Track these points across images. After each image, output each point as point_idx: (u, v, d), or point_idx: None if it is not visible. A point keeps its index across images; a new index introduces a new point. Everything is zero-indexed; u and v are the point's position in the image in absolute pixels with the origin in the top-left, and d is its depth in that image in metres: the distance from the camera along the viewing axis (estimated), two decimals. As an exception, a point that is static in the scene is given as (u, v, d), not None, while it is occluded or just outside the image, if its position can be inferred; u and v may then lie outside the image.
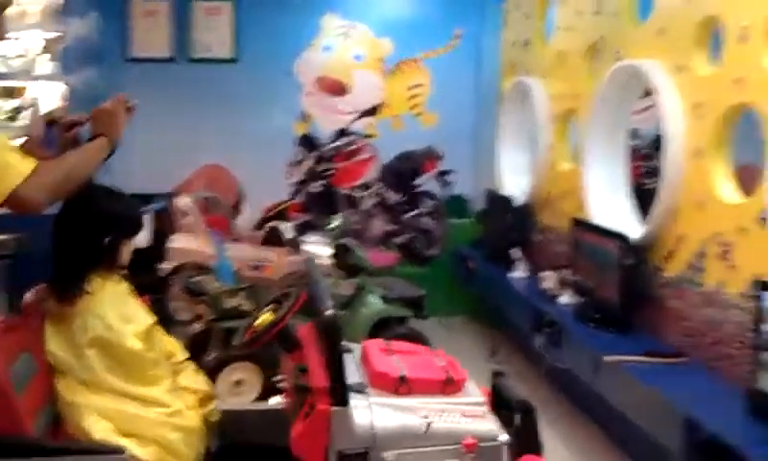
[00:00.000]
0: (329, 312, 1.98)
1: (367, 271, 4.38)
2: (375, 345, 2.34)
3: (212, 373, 3.45)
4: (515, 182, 5.89)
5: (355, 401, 1.99)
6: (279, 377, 3.76)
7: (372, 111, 6.59)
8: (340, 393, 1.95)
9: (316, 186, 6.51)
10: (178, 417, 2.15)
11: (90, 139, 2.11)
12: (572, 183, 4.79)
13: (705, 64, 3.43)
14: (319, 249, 5.01)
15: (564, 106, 4.96)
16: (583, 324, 3.91)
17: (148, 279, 3.69)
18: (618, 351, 3.41)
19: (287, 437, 2.35)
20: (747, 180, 3.27)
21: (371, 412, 1.99)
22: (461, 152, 6.57)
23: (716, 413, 2.76)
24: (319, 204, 6.50)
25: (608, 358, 3.34)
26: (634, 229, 4.03)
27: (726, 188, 3.25)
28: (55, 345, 2.11)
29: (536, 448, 2.18)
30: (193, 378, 2.38)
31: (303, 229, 5.40)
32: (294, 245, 5.08)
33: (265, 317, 2.33)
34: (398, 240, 6.53)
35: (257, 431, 2.42)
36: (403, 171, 6.55)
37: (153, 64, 6.36)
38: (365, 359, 2.24)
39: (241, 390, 3.81)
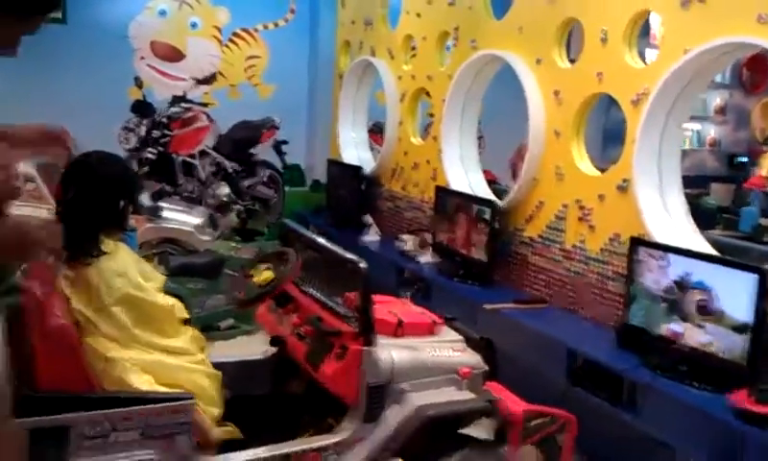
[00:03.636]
0: (364, 265, 2.27)
1: (264, 236, 4.57)
2: (356, 299, 2.65)
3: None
4: (354, 154, 6.34)
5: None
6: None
7: (208, 80, 6.63)
8: (370, 335, 2.25)
9: (150, 153, 6.42)
10: (204, 365, 2.31)
11: None
12: (422, 156, 5.33)
13: (563, 59, 4.09)
14: (186, 217, 5.07)
15: (414, 86, 5.45)
16: (448, 279, 4.46)
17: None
18: (489, 300, 3.99)
19: (273, 384, 2.62)
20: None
21: (389, 351, 2.32)
22: (296, 123, 6.85)
23: (591, 345, 3.43)
24: (154, 171, 6.43)
25: (487, 306, 3.90)
26: (488, 194, 4.69)
27: (583, 162, 3.94)
28: (79, 304, 2.15)
29: (496, 375, 2.65)
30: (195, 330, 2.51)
31: (158, 196, 5.38)
32: (153, 213, 5.07)
33: (266, 275, 2.52)
34: (236, 208, 6.67)
35: (248, 380, 2.61)
36: (241, 140, 6.68)
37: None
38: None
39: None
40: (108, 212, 2.28)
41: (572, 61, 4.08)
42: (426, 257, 4.84)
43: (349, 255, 2.35)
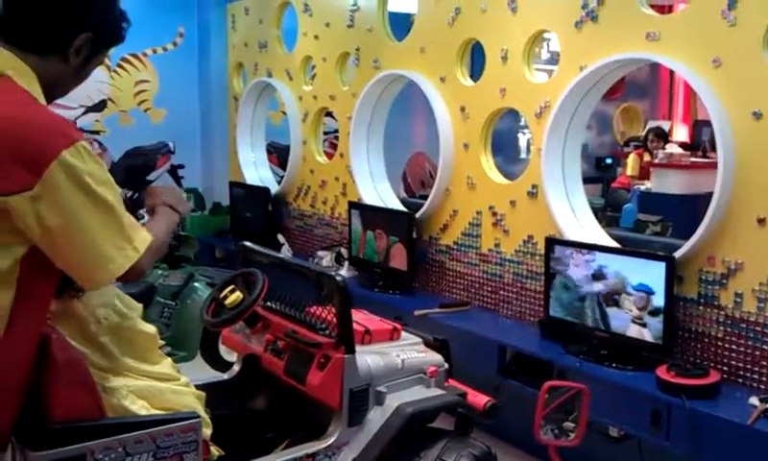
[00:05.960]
0: (341, 278, 2.41)
1: (191, 262, 4.56)
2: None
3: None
4: (255, 175, 6.42)
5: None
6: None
7: (98, 107, 6.49)
8: (350, 344, 2.40)
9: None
10: (190, 387, 2.36)
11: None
12: (330, 174, 5.50)
13: (465, 77, 4.39)
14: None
15: (316, 106, 5.62)
16: (369, 290, 4.65)
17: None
18: (413, 307, 4.20)
19: (239, 403, 2.73)
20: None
21: (363, 357, 2.47)
22: (190, 147, 6.83)
23: (517, 339, 3.73)
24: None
25: (417, 312, 4.12)
26: (398, 206, 4.94)
27: (492, 172, 4.25)
28: (69, 337, 2.15)
29: (452, 373, 2.85)
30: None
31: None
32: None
33: (235, 296, 2.60)
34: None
35: (216, 401, 2.67)
36: (135, 167, 6.59)
37: None
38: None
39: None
40: None
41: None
42: (344, 272, 5.00)
43: (323, 270, 2.49)
